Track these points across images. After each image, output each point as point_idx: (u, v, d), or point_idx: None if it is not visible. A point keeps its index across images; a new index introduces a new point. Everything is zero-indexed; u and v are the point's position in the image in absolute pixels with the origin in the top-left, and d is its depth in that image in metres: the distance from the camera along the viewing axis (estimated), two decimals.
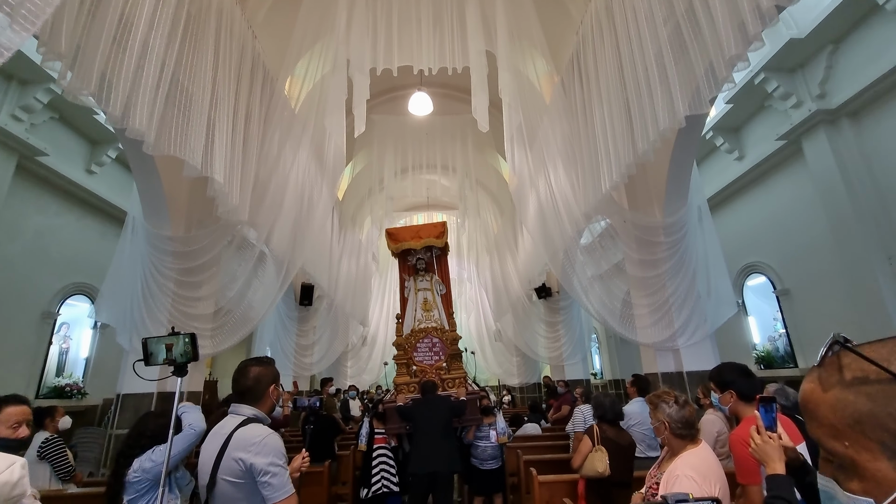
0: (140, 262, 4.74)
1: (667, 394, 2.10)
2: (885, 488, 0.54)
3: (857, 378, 0.58)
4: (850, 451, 0.58)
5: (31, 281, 6.26)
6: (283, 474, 1.71)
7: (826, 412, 0.61)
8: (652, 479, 2.08)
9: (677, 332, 4.89)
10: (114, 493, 2.14)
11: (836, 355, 0.63)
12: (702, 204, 5.38)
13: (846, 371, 0.60)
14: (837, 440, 0.59)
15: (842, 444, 0.59)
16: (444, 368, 5.84)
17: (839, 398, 0.59)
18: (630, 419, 4.27)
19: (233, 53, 4.88)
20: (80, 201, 7.11)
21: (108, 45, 3.14)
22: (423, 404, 4.53)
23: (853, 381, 0.59)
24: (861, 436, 0.57)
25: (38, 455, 3.60)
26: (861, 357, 0.59)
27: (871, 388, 0.57)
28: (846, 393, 0.59)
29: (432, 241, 6.71)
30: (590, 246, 6.62)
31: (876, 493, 0.55)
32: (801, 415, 0.68)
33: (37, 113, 6.07)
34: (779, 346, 7.45)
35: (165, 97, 3.70)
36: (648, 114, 3.88)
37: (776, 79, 6.51)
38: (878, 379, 0.56)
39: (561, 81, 5.92)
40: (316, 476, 4.32)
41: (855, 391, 0.58)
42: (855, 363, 0.59)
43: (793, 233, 7.02)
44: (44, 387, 6.40)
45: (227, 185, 4.60)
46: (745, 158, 7.88)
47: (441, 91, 9.38)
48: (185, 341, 2.02)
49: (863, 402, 0.57)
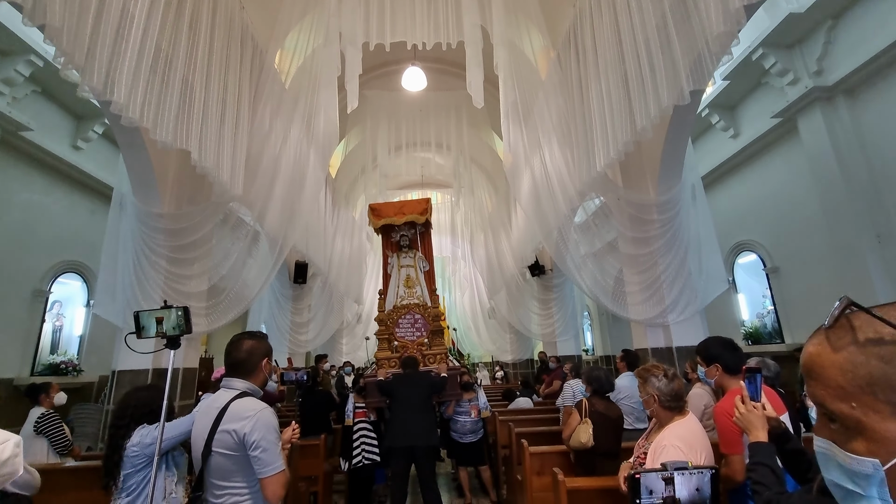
0: (132, 240, 4.69)
1: (656, 367, 2.15)
2: (892, 448, 0.55)
3: (871, 339, 0.58)
4: (857, 413, 0.58)
5: (20, 259, 6.18)
6: (273, 450, 1.73)
7: (834, 373, 0.61)
8: (640, 449, 2.15)
9: (668, 308, 4.97)
10: (111, 465, 2.17)
11: (847, 317, 0.63)
12: (696, 182, 5.38)
13: (859, 332, 0.60)
14: (844, 401, 0.60)
15: (849, 405, 0.59)
16: (425, 344, 5.94)
17: (850, 360, 0.59)
18: (619, 393, 4.38)
19: (219, 24, 4.74)
20: (67, 178, 6.97)
21: (87, 14, 3.03)
22: (402, 379, 4.61)
23: (867, 342, 0.59)
24: (871, 397, 0.57)
25: (34, 430, 3.65)
26: (877, 318, 0.59)
27: (885, 349, 0.57)
28: (858, 354, 0.59)
29: (415, 217, 6.69)
30: (583, 224, 6.65)
31: (882, 454, 0.56)
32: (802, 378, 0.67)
33: (18, 86, 5.89)
34: (766, 323, 7.60)
35: (148, 68, 3.60)
36: (650, 89, 3.83)
37: (774, 55, 6.44)
38: (893, 340, 0.56)
39: (557, 56, 5.81)
40: (312, 449, 4.41)
41: (868, 352, 0.58)
42: (867, 325, 0.59)
43: (785, 211, 7.07)
44: (39, 364, 6.41)
45: (214, 160, 4.53)
46: (740, 136, 7.86)
47: (435, 66, 9.19)
48: (178, 314, 2.02)
49: (875, 363, 0.57)
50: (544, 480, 3.41)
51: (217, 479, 1.74)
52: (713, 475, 1.40)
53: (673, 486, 1.44)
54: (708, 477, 1.41)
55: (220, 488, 1.74)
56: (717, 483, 1.42)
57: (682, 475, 1.43)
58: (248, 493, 1.73)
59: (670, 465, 1.46)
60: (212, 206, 5.06)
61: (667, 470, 1.44)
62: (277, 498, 1.71)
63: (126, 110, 3.37)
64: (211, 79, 4.52)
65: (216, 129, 4.59)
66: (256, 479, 1.71)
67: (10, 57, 5.73)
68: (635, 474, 1.43)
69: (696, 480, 1.43)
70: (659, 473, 1.47)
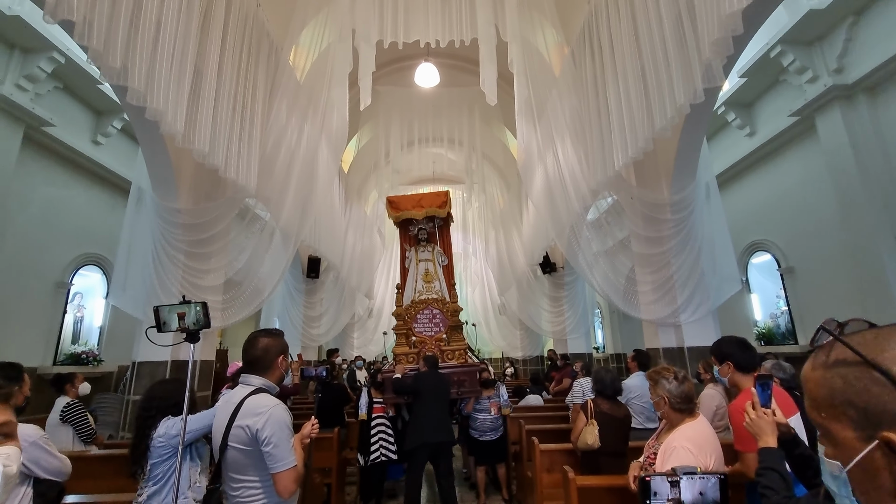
0: (150, 234, 4.80)
1: (666, 370, 2.17)
2: (850, 453, 0.64)
3: (838, 360, 0.68)
4: (825, 422, 0.68)
5: (43, 251, 6.36)
6: (284, 446, 1.75)
7: (812, 387, 0.71)
8: (650, 449, 2.17)
9: (680, 308, 4.95)
10: (138, 454, 2.27)
11: (831, 340, 0.73)
12: (710, 181, 5.34)
13: (832, 353, 0.70)
14: (816, 412, 0.70)
15: (819, 415, 0.70)
16: (444, 340, 5.83)
17: (822, 376, 0.70)
18: (630, 392, 4.40)
19: (236, 21, 4.80)
20: (87, 172, 7.12)
21: (116, 13, 3.10)
22: (426, 377, 4.61)
23: (834, 362, 0.69)
24: (833, 409, 0.67)
25: (60, 419, 3.77)
26: (841, 342, 0.69)
27: (845, 369, 0.66)
28: (826, 372, 0.69)
29: (434, 210, 6.55)
30: (596, 222, 6.63)
31: (843, 458, 0.66)
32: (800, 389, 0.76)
33: (41, 82, 6.02)
34: (780, 324, 7.52)
35: (169, 66, 3.67)
36: (666, 87, 3.81)
37: (793, 52, 6.32)
38: (853, 361, 0.65)
39: (571, 53, 5.78)
40: (326, 441, 4.50)
41: (833, 371, 0.68)
42: (840, 347, 0.69)
43: (801, 211, 6.97)
44: (61, 354, 6.60)
45: (228, 157, 4.58)
46: (756, 134, 7.75)
47: (448, 62, 9.17)
48: (197, 309, 2.08)
49: (837, 380, 0.67)
50: (554, 477, 3.45)
51: (233, 472, 1.81)
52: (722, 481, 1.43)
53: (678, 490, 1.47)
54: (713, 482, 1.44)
55: (236, 481, 1.80)
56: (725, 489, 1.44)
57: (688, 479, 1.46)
58: (262, 487, 1.78)
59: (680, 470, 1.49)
60: (228, 201, 5.15)
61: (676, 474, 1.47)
62: (289, 493, 1.75)
63: (146, 99, 3.42)
64: (225, 76, 4.58)
65: (231, 126, 4.66)
66: (269, 474, 1.76)
67: (33, 54, 5.86)
68: (646, 477, 1.47)
69: (701, 485, 1.46)
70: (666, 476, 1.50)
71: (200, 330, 2.15)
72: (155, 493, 2.20)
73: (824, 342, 0.74)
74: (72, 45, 5.86)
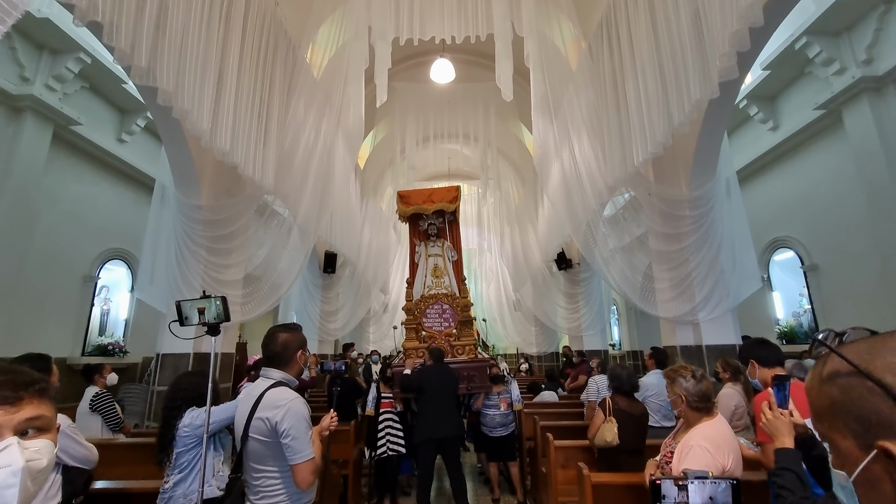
0: (173, 230, 4.93)
1: (684, 368, 2.16)
2: (853, 463, 0.64)
3: (833, 371, 0.68)
4: (828, 433, 0.69)
5: (72, 246, 6.58)
6: (302, 438, 1.80)
7: (813, 399, 0.71)
8: (667, 447, 2.17)
9: (698, 305, 4.88)
10: (164, 443, 2.36)
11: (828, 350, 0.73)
12: (731, 176, 5.23)
13: (828, 364, 0.70)
14: (820, 423, 0.71)
15: (823, 426, 0.70)
16: (453, 335, 5.83)
17: (821, 387, 0.70)
18: (647, 390, 4.37)
19: (254, 20, 4.86)
20: (113, 169, 7.33)
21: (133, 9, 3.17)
22: (430, 372, 4.58)
23: (830, 373, 0.69)
24: (834, 419, 0.67)
25: (90, 407, 3.93)
26: (834, 353, 0.69)
27: (842, 379, 0.66)
28: (824, 384, 0.69)
29: (444, 205, 6.53)
30: (612, 217, 6.56)
31: (847, 468, 0.66)
32: None
33: (69, 83, 6.21)
34: (803, 322, 7.35)
35: (194, 66, 3.75)
36: (683, 83, 3.75)
37: (819, 43, 6.13)
38: (848, 372, 0.66)
39: (588, 47, 5.71)
40: (343, 434, 4.58)
41: (831, 382, 0.68)
42: (836, 358, 0.69)
43: (826, 207, 6.78)
44: (89, 345, 6.84)
45: (248, 154, 4.66)
46: (779, 129, 7.55)
47: (463, 57, 9.15)
48: (217, 304, 2.15)
49: (835, 391, 0.67)
50: (568, 474, 3.46)
51: (254, 462, 1.87)
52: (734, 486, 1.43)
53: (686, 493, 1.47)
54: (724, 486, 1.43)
55: (257, 471, 1.86)
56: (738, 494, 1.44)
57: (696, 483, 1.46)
58: (281, 478, 1.84)
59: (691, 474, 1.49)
60: (248, 198, 5.25)
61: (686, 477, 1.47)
62: (307, 484, 1.80)
63: (173, 99, 3.51)
64: (245, 74, 4.65)
65: (250, 124, 4.74)
66: (288, 465, 1.81)
67: (61, 55, 6.04)
68: (656, 480, 1.47)
69: (711, 489, 1.46)
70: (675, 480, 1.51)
71: (221, 324, 2.22)
72: (180, 480, 2.29)
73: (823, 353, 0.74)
74: (97, 45, 6.02)
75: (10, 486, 0.75)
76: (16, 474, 0.76)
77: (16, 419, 0.79)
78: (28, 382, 0.83)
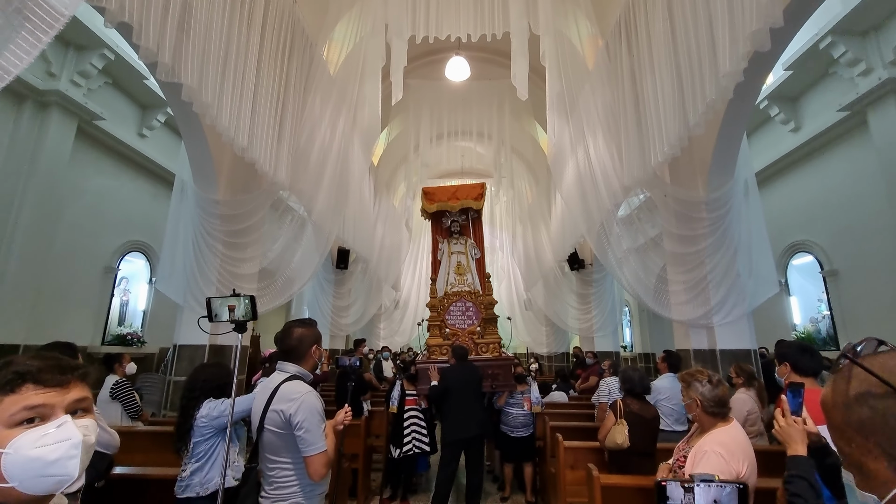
0: (191, 224, 5.02)
1: (700, 373, 2.14)
2: (884, 487, 0.61)
3: (863, 388, 0.65)
4: (856, 453, 0.65)
5: (94, 238, 6.75)
6: (315, 431, 1.83)
7: (837, 416, 0.68)
8: (680, 452, 2.16)
9: (713, 309, 4.81)
10: (182, 432, 2.42)
11: (848, 365, 0.69)
12: (749, 178, 5.14)
13: (854, 381, 0.66)
14: (845, 442, 0.67)
15: (849, 445, 0.66)
16: (477, 333, 5.80)
17: (847, 405, 0.66)
18: (659, 394, 4.33)
19: (273, 19, 4.92)
20: (133, 163, 7.49)
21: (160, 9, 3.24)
22: (455, 371, 4.56)
23: (862, 392, 0.65)
24: (864, 440, 0.63)
25: (110, 395, 4.03)
26: (865, 370, 0.65)
27: (876, 401, 0.63)
28: (852, 401, 0.65)
29: (470, 202, 6.51)
30: (627, 218, 6.50)
31: (879, 491, 0.62)
32: None
33: (93, 78, 6.35)
34: (821, 328, 7.22)
35: (216, 64, 3.81)
36: (698, 83, 3.69)
37: (844, 43, 5.99)
38: (884, 393, 0.62)
39: (605, 45, 5.66)
40: (354, 429, 4.63)
41: (859, 400, 0.64)
42: (863, 374, 0.65)
43: (847, 211, 6.63)
44: (108, 335, 7.01)
45: (265, 150, 4.73)
46: (801, 130, 7.40)
47: (478, 54, 9.13)
48: (246, 302, 2.20)
49: (865, 410, 0.63)
50: (577, 475, 3.46)
51: (269, 453, 1.92)
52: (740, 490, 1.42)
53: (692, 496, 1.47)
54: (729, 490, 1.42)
55: (272, 462, 1.91)
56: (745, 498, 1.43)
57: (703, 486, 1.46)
58: (294, 469, 1.88)
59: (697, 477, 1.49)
60: (263, 194, 5.32)
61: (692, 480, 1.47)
62: (319, 476, 1.84)
63: (196, 95, 3.58)
64: (264, 72, 4.71)
65: (267, 120, 4.80)
66: (301, 457, 1.85)
67: (85, 51, 6.19)
68: (661, 482, 1.47)
69: (716, 493, 1.45)
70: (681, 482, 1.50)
71: (248, 322, 2.28)
72: (197, 469, 2.36)
73: (841, 366, 0.70)
74: (120, 41, 6.14)
75: (72, 458, 0.83)
76: (76, 447, 0.84)
77: (67, 399, 0.86)
78: (73, 367, 0.90)
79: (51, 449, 0.81)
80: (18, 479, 0.78)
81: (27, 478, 0.79)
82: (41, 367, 0.85)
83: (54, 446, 0.81)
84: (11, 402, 0.81)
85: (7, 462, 0.78)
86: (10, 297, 5.31)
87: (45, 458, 0.80)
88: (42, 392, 0.83)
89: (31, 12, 1.90)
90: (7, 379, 0.82)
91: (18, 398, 0.81)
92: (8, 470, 0.78)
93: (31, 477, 0.79)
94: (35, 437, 0.80)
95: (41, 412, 0.83)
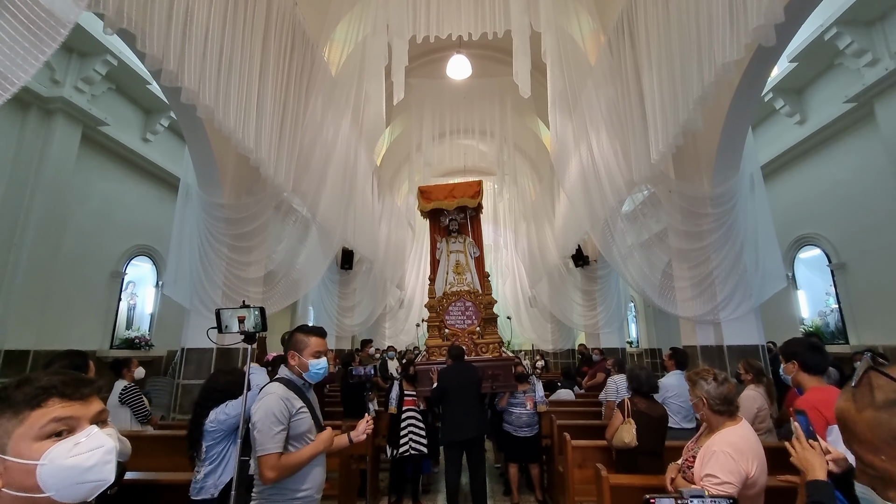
0: (196, 228, 5.05)
1: (706, 371, 2.13)
2: None
3: (891, 399, 0.63)
4: (888, 465, 0.63)
5: (100, 243, 6.80)
6: (266, 432, 1.83)
7: (863, 430, 0.65)
8: (689, 451, 2.15)
9: (720, 305, 4.79)
10: (194, 438, 2.45)
11: (869, 376, 0.67)
12: (755, 172, 5.10)
13: (878, 392, 0.65)
14: (875, 455, 0.65)
15: (879, 458, 0.64)
16: (476, 333, 5.73)
17: (875, 417, 0.64)
18: (667, 391, 4.32)
19: (275, 22, 4.92)
20: (138, 168, 7.53)
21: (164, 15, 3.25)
22: (452, 372, 4.50)
23: (887, 401, 0.63)
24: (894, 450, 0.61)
25: (119, 400, 4.06)
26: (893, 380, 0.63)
27: None
28: (881, 413, 0.63)
29: (466, 200, 6.40)
30: (631, 214, 6.45)
31: None
32: None
33: (96, 84, 6.39)
34: (829, 322, 7.16)
35: (217, 69, 3.83)
36: (695, 80, 3.66)
37: (850, 33, 5.92)
38: None
39: (607, 41, 5.62)
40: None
41: (889, 411, 0.62)
42: (888, 384, 0.63)
43: (855, 203, 6.57)
44: (116, 339, 7.07)
45: (269, 154, 4.73)
46: (806, 122, 7.33)
47: (479, 52, 9.10)
48: (256, 314, 2.21)
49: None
50: (586, 473, 3.46)
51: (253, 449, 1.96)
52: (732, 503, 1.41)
53: None
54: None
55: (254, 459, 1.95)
56: None
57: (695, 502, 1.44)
58: None
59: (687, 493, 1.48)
60: (267, 196, 5.33)
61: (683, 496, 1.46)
62: (265, 478, 1.83)
63: (199, 98, 3.60)
64: (267, 75, 4.72)
65: (271, 123, 4.81)
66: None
67: (89, 58, 6.22)
68: (650, 498, 1.46)
69: None
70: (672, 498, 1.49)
71: (257, 333, 2.29)
72: (210, 471, 2.39)
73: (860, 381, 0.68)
74: (123, 47, 6.17)
75: (108, 463, 0.88)
76: (110, 452, 0.88)
77: (91, 411, 0.91)
78: (90, 381, 0.94)
79: (86, 457, 0.85)
80: (55, 489, 0.82)
81: (64, 486, 0.83)
82: (64, 381, 0.89)
83: (89, 454, 0.85)
84: (39, 415, 0.84)
85: (43, 473, 0.81)
86: (19, 303, 5.37)
87: (82, 465, 0.84)
88: (68, 405, 0.87)
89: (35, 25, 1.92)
90: (33, 394, 0.86)
91: (46, 412, 0.85)
92: (45, 480, 0.81)
93: (69, 485, 0.83)
94: (68, 448, 0.84)
95: (69, 424, 0.87)
